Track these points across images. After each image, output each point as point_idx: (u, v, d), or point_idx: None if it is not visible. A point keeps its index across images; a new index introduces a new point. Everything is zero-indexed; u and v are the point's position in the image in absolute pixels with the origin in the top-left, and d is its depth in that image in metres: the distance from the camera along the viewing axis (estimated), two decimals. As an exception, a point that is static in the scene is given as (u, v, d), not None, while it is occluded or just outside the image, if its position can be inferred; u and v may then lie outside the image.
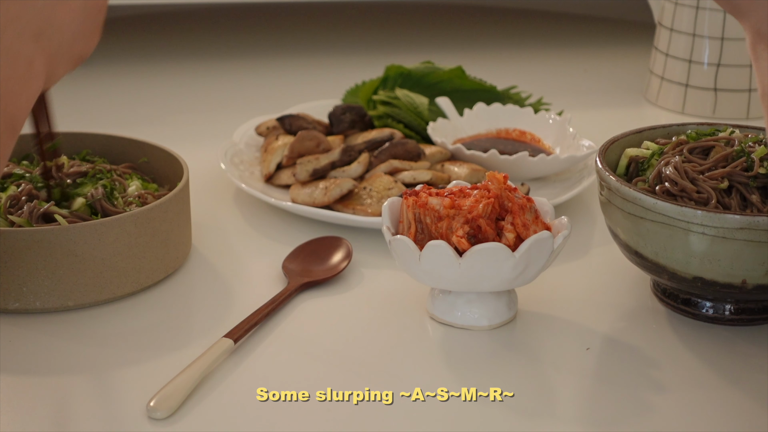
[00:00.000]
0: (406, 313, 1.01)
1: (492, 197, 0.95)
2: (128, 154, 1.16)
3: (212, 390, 0.89)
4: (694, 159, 1.00)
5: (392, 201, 1.00)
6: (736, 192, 0.97)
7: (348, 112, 1.31)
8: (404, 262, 0.96)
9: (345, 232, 1.14)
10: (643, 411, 0.88)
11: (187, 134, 1.45)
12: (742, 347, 0.97)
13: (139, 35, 1.88)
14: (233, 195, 1.25)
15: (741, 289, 0.95)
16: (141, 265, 1.01)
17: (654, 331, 0.99)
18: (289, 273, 1.06)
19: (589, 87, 1.68)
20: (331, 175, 1.20)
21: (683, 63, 1.53)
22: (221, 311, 1.01)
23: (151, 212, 1.01)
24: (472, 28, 1.98)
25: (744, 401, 0.90)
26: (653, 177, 0.99)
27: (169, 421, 0.85)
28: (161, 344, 0.96)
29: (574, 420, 0.88)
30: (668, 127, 1.09)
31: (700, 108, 1.53)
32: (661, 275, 0.98)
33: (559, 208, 1.21)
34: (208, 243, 1.13)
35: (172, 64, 1.72)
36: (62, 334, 0.97)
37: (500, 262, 0.93)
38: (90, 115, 1.52)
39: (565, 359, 0.95)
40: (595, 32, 1.93)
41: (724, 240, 0.92)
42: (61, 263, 0.97)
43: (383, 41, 1.87)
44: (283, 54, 1.79)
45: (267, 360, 0.94)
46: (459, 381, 0.91)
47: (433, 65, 1.40)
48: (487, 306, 0.98)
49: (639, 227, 0.96)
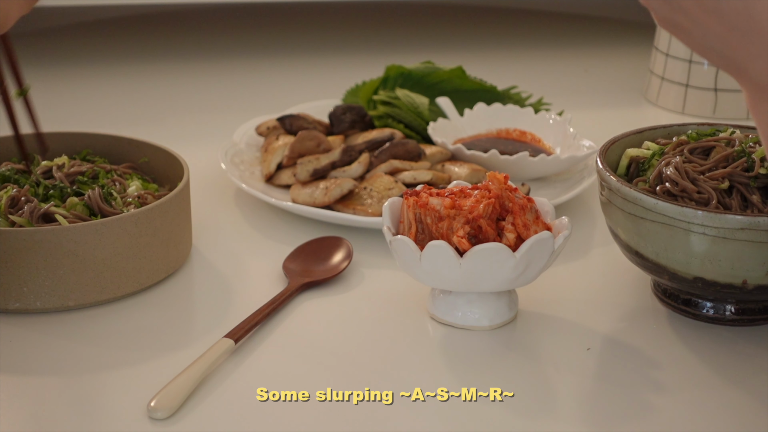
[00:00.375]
0: (407, 313, 1.01)
1: (493, 197, 0.95)
2: (128, 154, 1.16)
3: (212, 390, 0.89)
4: (695, 159, 1.00)
5: (393, 201, 0.99)
6: (736, 192, 0.97)
7: (348, 112, 1.31)
8: (405, 263, 0.96)
9: (345, 232, 1.14)
10: (643, 411, 0.88)
11: (187, 134, 1.45)
12: (742, 348, 0.97)
13: (139, 35, 1.87)
14: (233, 195, 1.25)
15: (742, 289, 0.95)
16: (141, 265, 1.01)
17: (654, 332, 0.99)
18: (290, 273, 1.06)
19: (589, 87, 1.68)
20: (331, 175, 1.20)
21: (683, 63, 1.53)
22: (221, 311, 1.01)
23: (151, 212, 1.01)
24: (472, 28, 1.98)
25: (744, 401, 0.90)
26: (654, 177, 0.99)
27: (169, 421, 0.85)
28: (161, 344, 0.96)
29: (574, 420, 0.88)
30: (668, 127, 1.09)
31: (701, 108, 1.53)
32: (662, 275, 0.98)
33: (560, 208, 1.21)
34: (208, 243, 1.13)
35: (172, 64, 1.72)
36: (62, 334, 0.97)
37: (501, 263, 0.93)
38: (90, 115, 1.52)
39: (565, 359, 0.95)
40: (595, 32, 1.93)
41: (725, 240, 0.92)
42: (62, 263, 0.97)
43: (383, 41, 1.87)
44: (283, 54, 1.79)
45: (267, 360, 0.94)
46: (459, 381, 0.91)
47: (433, 65, 1.40)
48: (487, 306, 0.98)
49: (640, 227, 0.96)
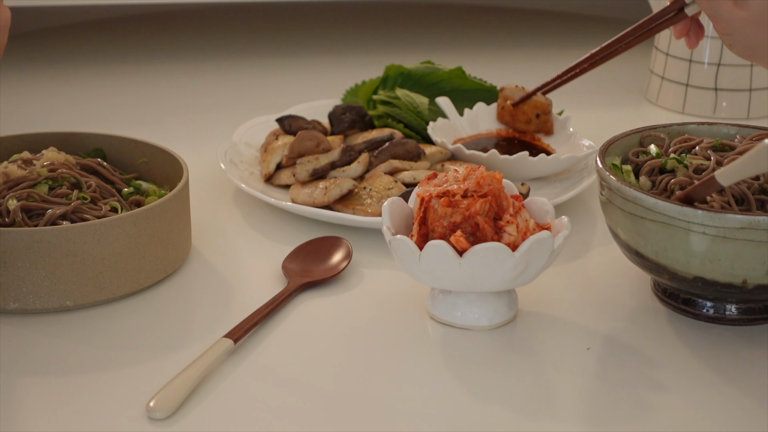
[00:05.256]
0: (406, 313, 1.01)
1: (490, 195, 0.95)
2: (128, 154, 1.16)
3: (212, 390, 0.88)
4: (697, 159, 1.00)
5: (392, 201, 0.99)
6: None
7: (348, 112, 1.31)
8: (404, 262, 0.96)
9: (345, 232, 1.14)
10: (643, 411, 0.88)
11: (187, 134, 1.45)
12: (742, 347, 0.97)
13: (139, 35, 1.87)
14: (233, 195, 1.25)
15: (742, 288, 0.95)
16: (141, 265, 1.01)
17: (654, 331, 0.99)
18: (289, 273, 1.06)
19: (589, 87, 1.68)
20: (331, 175, 1.20)
21: (683, 63, 1.53)
22: (221, 311, 1.01)
23: (150, 212, 1.01)
24: (472, 28, 1.98)
25: (744, 401, 0.90)
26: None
27: (169, 422, 0.85)
28: (160, 344, 0.96)
29: (573, 420, 0.88)
30: (668, 126, 1.09)
31: (701, 108, 1.53)
32: (662, 275, 0.98)
33: (560, 208, 1.21)
34: (208, 243, 1.13)
35: (172, 64, 1.72)
36: (62, 334, 0.96)
37: (500, 262, 0.93)
38: (90, 115, 1.52)
39: (565, 359, 0.95)
40: (595, 32, 1.93)
41: (725, 240, 0.92)
42: (61, 263, 0.97)
43: (383, 41, 1.87)
44: (283, 54, 1.79)
45: (267, 360, 0.94)
46: (459, 381, 0.91)
47: (433, 65, 1.40)
48: (487, 306, 0.98)
49: (639, 227, 0.96)
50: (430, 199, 0.96)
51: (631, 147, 1.07)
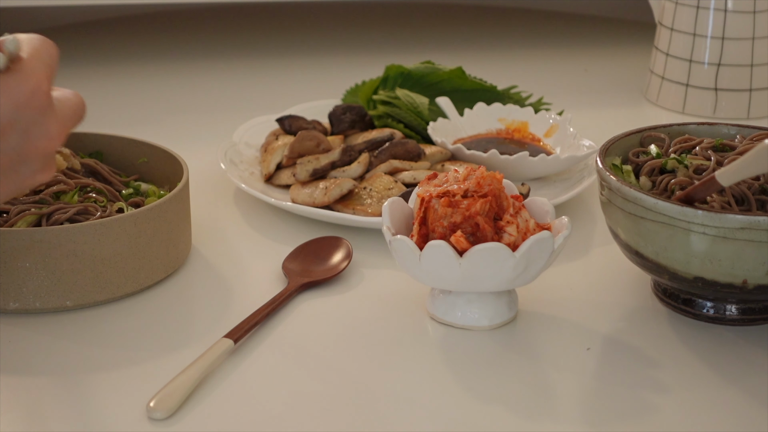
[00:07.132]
0: (406, 313, 1.01)
1: (490, 195, 0.95)
2: (128, 154, 1.16)
3: (212, 390, 0.88)
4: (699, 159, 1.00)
5: (392, 201, 0.99)
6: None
7: (348, 112, 1.31)
8: (404, 262, 0.96)
9: (345, 232, 1.14)
10: (643, 411, 0.88)
11: (187, 134, 1.45)
12: (743, 347, 0.97)
13: (139, 35, 1.87)
14: (233, 195, 1.25)
15: (742, 289, 0.95)
16: (141, 265, 1.01)
17: (654, 332, 0.99)
18: (289, 273, 1.06)
19: (589, 87, 1.68)
20: (331, 175, 1.20)
21: (684, 63, 1.53)
22: (221, 311, 1.01)
23: (150, 212, 1.01)
24: (472, 28, 1.98)
25: (745, 401, 0.90)
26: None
27: (168, 422, 0.84)
28: (160, 344, 0.96)
29: (573, 420, 0.88)
30: (668, 126, 1.09)
31: (701, 108, 1.53)
32: (662, 275, 0.98)
33: (560, 208, 1.20)
34: (208, 243, 1.13)
35: (172, 64, 1.72)
36: (62, 334, 0.96)
37: (500, 262, 0.93)
38: (90, 115, 1.51)
39: (565, 359, 0.95)
40: (595, 32, 1.93)
41: (725, 240, 0.92)
42: (61, 263, 0.97)
43: (383, 41, 1.87)
44: (283, 54, 1.79)
45: (267, 360, 0.94)
46: (458, 381, 0.91)
47: (433, 65, 1.40)
48: (487, 306, 0.98)
49: (639, 227, 0.96)
50: (430, 199, 0.96)
51: (631, 147, 1.07)
